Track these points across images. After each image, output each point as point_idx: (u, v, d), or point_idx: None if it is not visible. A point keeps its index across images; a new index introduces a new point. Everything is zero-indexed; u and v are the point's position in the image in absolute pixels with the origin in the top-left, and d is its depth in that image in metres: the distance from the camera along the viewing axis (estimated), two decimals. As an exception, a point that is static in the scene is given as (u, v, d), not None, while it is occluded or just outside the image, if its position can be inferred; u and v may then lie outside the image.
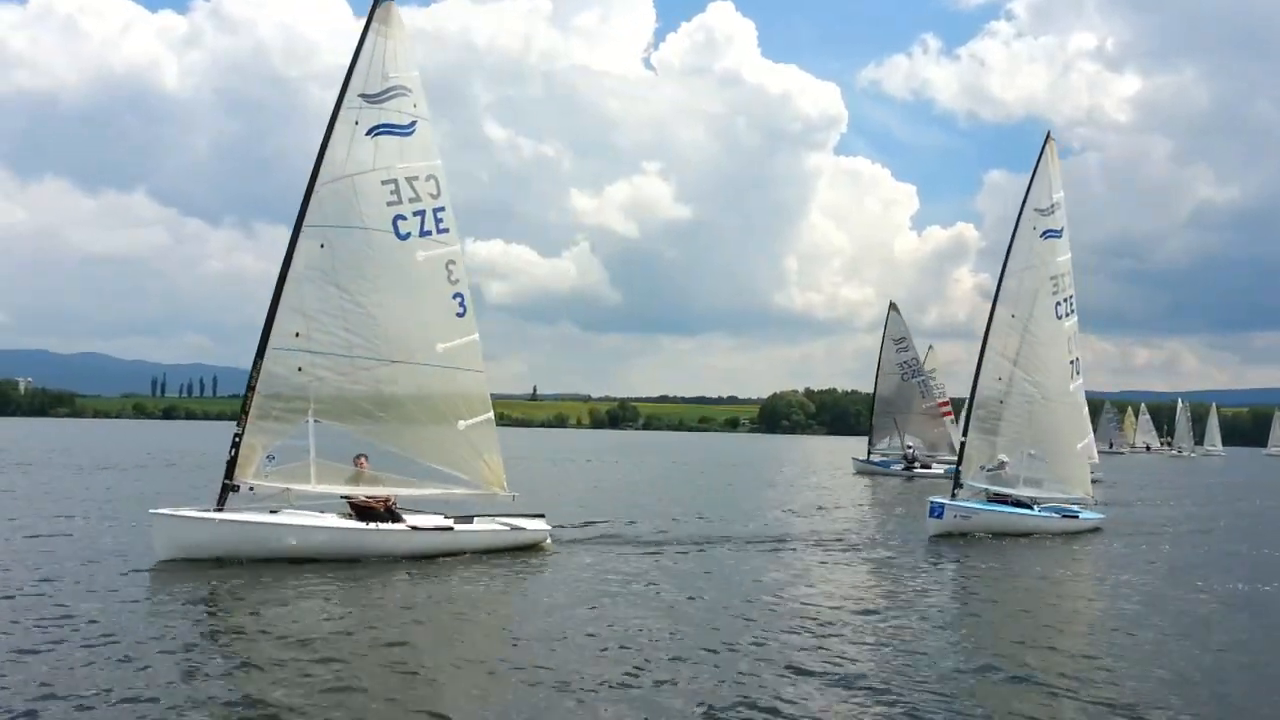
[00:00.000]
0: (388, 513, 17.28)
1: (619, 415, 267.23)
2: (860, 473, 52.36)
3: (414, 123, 17.97)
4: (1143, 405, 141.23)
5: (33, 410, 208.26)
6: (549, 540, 18.74)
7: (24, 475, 36.30)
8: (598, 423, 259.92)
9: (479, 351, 18.54)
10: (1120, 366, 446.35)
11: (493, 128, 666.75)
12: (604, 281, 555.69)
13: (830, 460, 71.63)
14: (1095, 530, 25.49)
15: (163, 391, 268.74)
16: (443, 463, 17.82)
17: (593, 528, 22.41)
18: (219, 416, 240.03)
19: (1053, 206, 25.13)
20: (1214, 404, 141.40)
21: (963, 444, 24.13)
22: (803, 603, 14.55)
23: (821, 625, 13.02)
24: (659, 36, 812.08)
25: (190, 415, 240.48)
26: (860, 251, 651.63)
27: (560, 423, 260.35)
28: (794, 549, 20.85)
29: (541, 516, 19.07)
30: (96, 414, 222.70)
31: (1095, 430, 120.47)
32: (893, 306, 53.94)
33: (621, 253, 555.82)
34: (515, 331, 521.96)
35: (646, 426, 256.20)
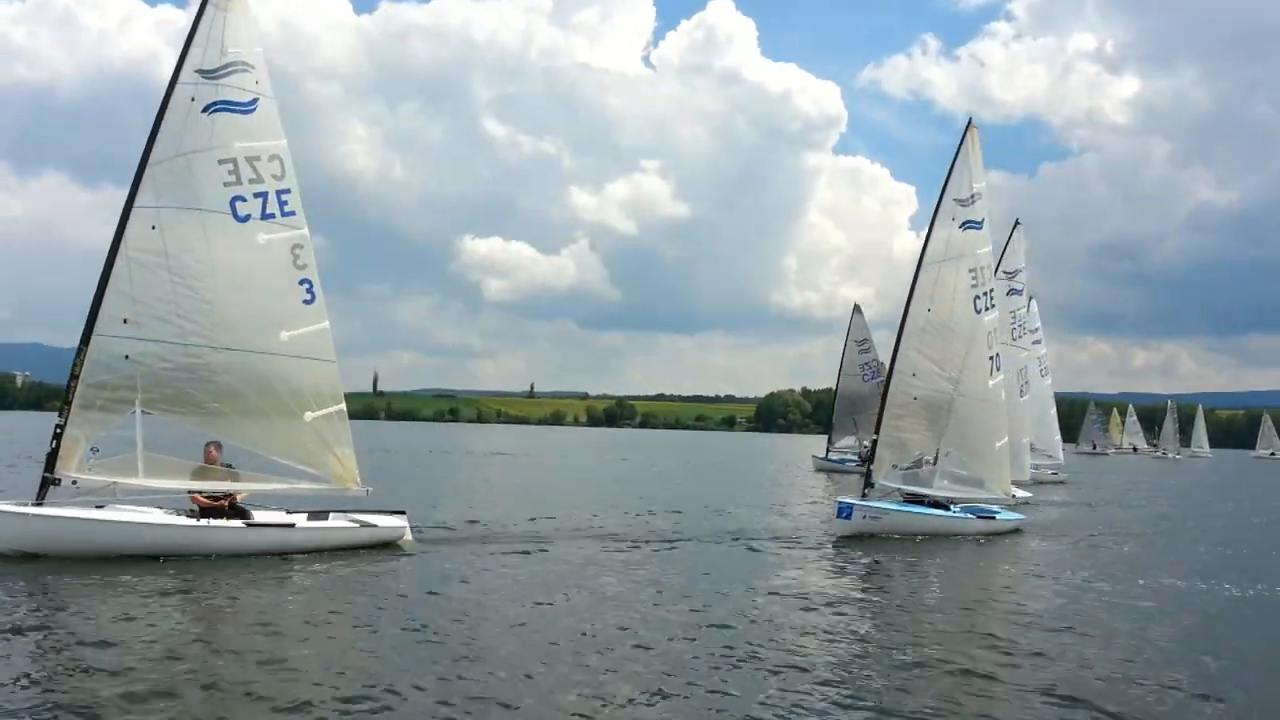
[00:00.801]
0: (232, 509, 16.26)
1: (616, 413, 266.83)
2: (819, 470, 53.20)
3: (255, 100, 16.85)
4: (1130, 406, 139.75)
5: (29, 404, 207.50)
6: (408, 538, 17.65)
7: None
8: (595, 421, 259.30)
9: (329, 340, 17.43)
10: (1118, 368, 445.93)
11: (492, 124, 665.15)
12: (603, 279, 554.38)
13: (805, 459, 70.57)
14: (1015, 531, 24.37)
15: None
16: (287, 456, 16.73)
17: (477, 526, 21.27)
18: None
19: (973, 197, 23.92)
20: (1200, 406, 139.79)
21: (874, 442, 22.93)
22: (651, 602, 13.70)
23: (661, 627, 12.13)
24: (659, 34, 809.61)
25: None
26: (859, 251, 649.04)
27: (558, 420, 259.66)
28: (689, 546, 19.92)
29: (402, 513, 17.98)
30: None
31: (1080, 431, 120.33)
32: (856, 309, 55.84)
33: (621, 251, 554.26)
34: (513, 329, 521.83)
35: (643, 425, 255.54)
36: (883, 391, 23.11)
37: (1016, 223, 36.60)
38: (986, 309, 24.04)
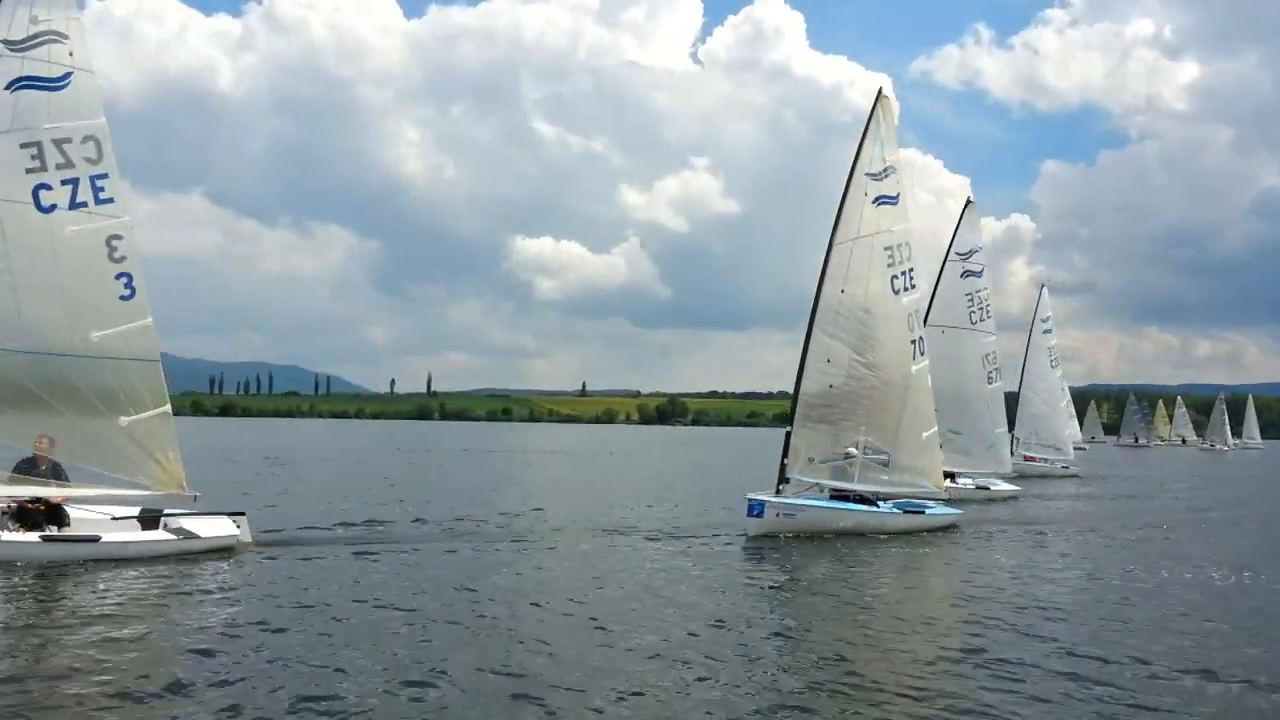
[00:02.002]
0: (49, 511, 15.24)
1: (668, 411, 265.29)
2: None
3: (68, 75, 15.64)
4: (1179, 398, 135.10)
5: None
6: (244, 541, 16.54)
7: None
8: (647, 419, 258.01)
9: (152, 338, 16.31)
10: (1181, 359, 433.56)
11: (541, 124, 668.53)
12: (654, 277, 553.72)
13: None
14: (951, 528, 22.70)
15: (220, 389, 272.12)
16: (102, 464, 15.63)
17: (346, 529, 19.93)
18: (274, 413, 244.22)
19: (886, 170, 22.24)
20: (1250, 396, 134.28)
21: (788, 434, 21.34)
22: (519, 603, 12.99)
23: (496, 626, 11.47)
24: (706, 30, 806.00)
25: (246, 412, 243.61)
26: (913, 244, 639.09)
27: (609, 419, 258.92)
28: (591, 543, 19.05)
29: (240, 515, 16.88)
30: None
31: (1121, 423, 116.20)
32: None
33: (671, 248, 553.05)
34: (565, 327, 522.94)
35: (696, 422, 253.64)
36: (796, 380, 21.47)
37: (968, 201, 34.38)
38: (906, 289, 22.38)
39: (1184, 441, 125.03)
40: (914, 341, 22.49)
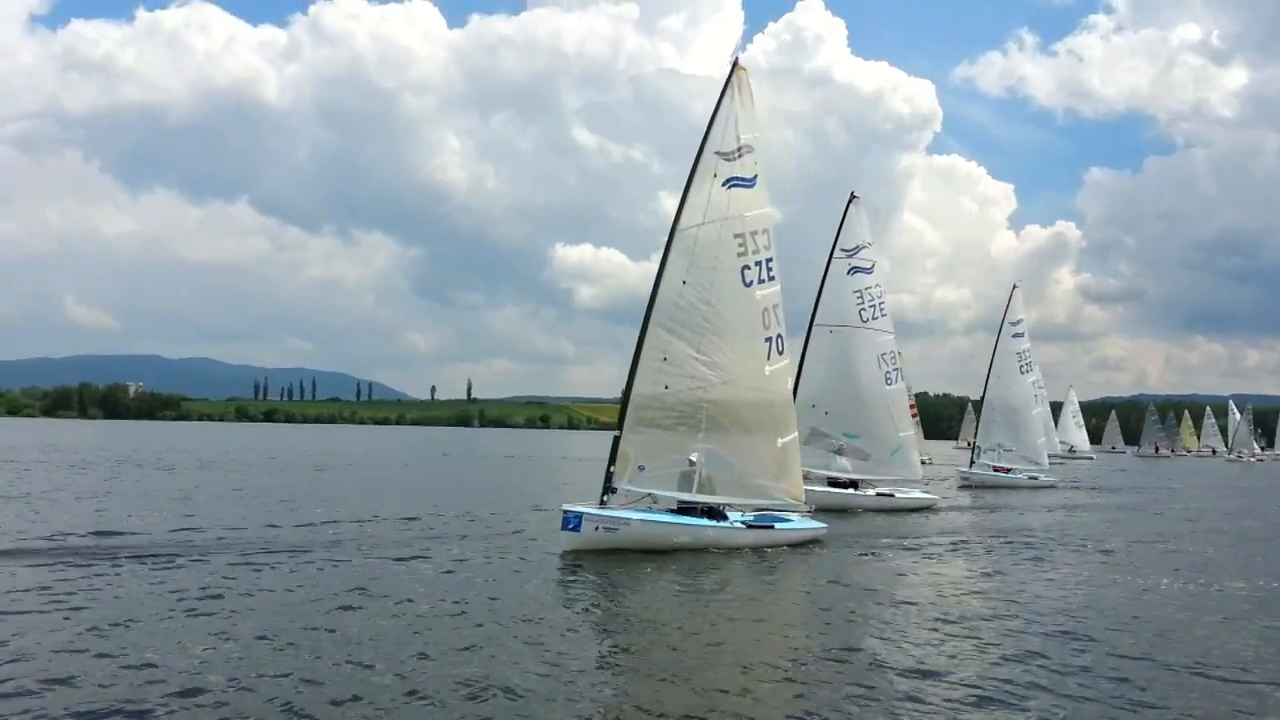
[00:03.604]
0: None
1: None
2: None
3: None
4: (1207, 408, 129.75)
5: (141, 413, 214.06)
6: None
7: None
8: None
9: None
10: (1230, 369, 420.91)
11: (581, 133, 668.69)
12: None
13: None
14: (813, 542, 20.31)
15: (265, 395, 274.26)
16: None
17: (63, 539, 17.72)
18: (316, 419, 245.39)
19: (740, 150, 19.80)
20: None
21: (616, 439, 18.94)
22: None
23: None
24: (746, 38, 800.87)
25: (289, 418, 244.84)
26: (956, 252, 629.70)
27: None
28: (356, 556, 16.78)
29: None
30: (202, 417, 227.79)
31: (1142, 433, 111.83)
32: None
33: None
34: (605, 335, 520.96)
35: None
36: (627, 379, 19.06)
37: (852, 196, 31.49)
38: (761, 281, 19.92)
39: (1214, 452, 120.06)
40: (770, 339, 20.00)
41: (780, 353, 20.24)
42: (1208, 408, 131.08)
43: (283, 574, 14.88)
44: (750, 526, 19.35)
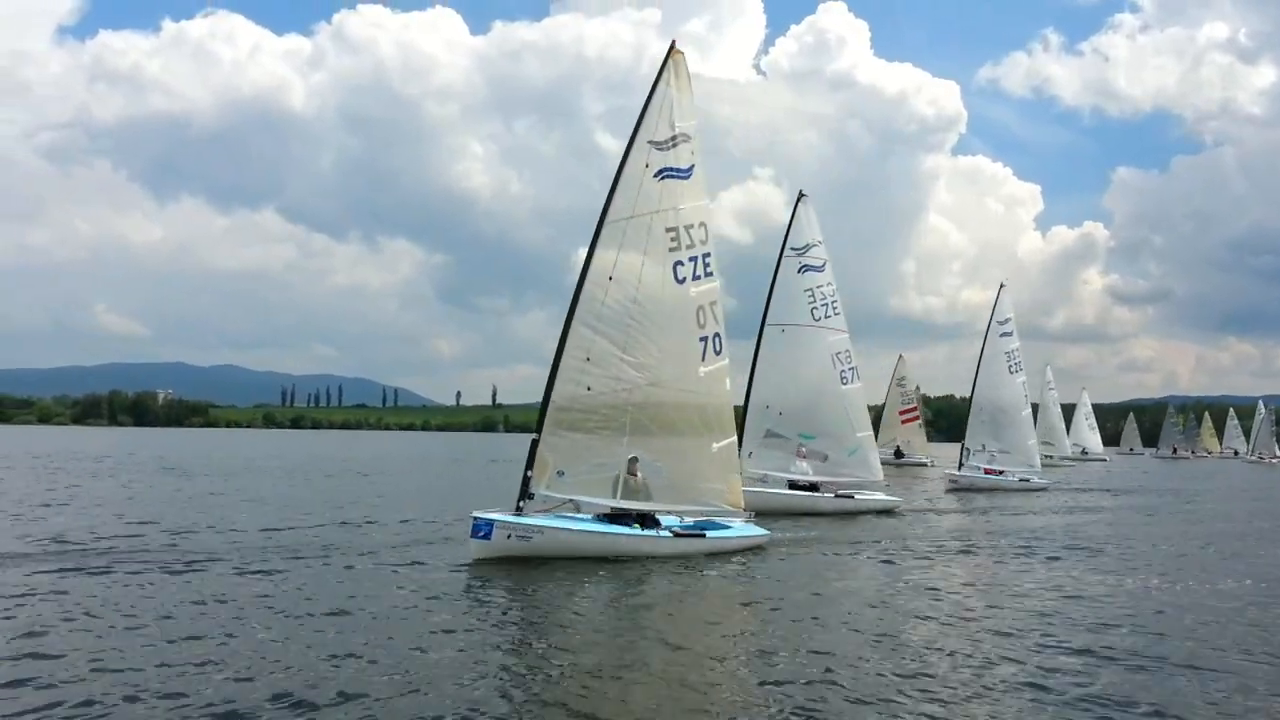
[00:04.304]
0: None
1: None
2: None
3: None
4: (1231, 410, 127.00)
5: (169, 420, 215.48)
6: None
7: None
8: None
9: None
10: (1262, 369, 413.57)
11: (604, 137, 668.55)
12: (718, 288, 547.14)
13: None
14: (756, 549, 19.18)
15: (291, 401, 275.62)
16: None
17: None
18: (343, 425, 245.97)
19: (675, 139, 18.72)
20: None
21: (534, 443, 17.90)
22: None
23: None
24: (769, 41, 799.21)
25: (316, 424, 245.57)
26: (982, 253, 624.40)
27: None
28: (262, 566, 15.71)
29: None
30: (229, 424, 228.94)
31: (1159, 435, 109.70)
32: None
33: (735, 259, 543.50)
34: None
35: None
36: (548, 380, 18.03)
37: (801, 194, 30.53)
38: (696, 277, 18.84)
39: (1236, 454, 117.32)
40: (705, 339, 18.92)
41: (718, 353, 19.13)
42: (1230, 409, 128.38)
43: (171, 586, 13.91)
44: (679, 535, 18.24)
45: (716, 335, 19.08)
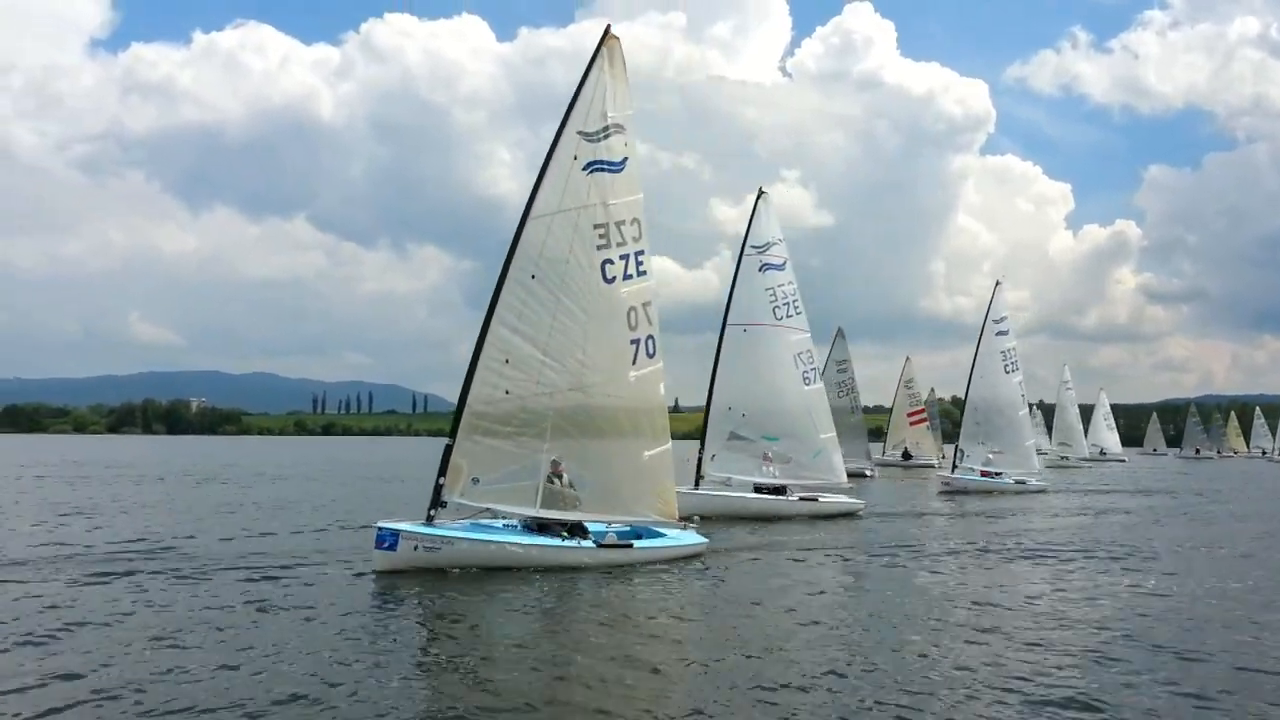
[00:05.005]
0: None
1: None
2: None
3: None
4: (1257, 409, 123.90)
5: (203, 428, 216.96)
6: None
7: None
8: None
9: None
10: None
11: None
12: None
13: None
14: (693, 558, 18.14)
15: (323, 409, 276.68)
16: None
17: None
18: (373, 432, 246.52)
19: (607, 130, 17.64)
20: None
21: (447, 448, 16.88)
22: None
23: None
24: (795, 43, 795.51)
25: (347, 431, 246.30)
26: (1012, 253, 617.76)
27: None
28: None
29: None
30: (262, 432, 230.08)
31: (1183, 435, 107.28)
32: (840, 333, 57.91)
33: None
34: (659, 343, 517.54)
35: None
36: (464, 382, 17.00)
37: (760, 192, 29.66)
38: (627, 276, 17.78)
39: (1263, 453, 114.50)
40: (637, 341, 17.85)
41: (651, 355, 18.06)
42: (1257, 408, 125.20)
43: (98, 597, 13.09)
44: (603, 545, 17.21)
45: (650, 338, 18.02)
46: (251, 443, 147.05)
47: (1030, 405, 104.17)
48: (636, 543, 17.61)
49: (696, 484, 27.43)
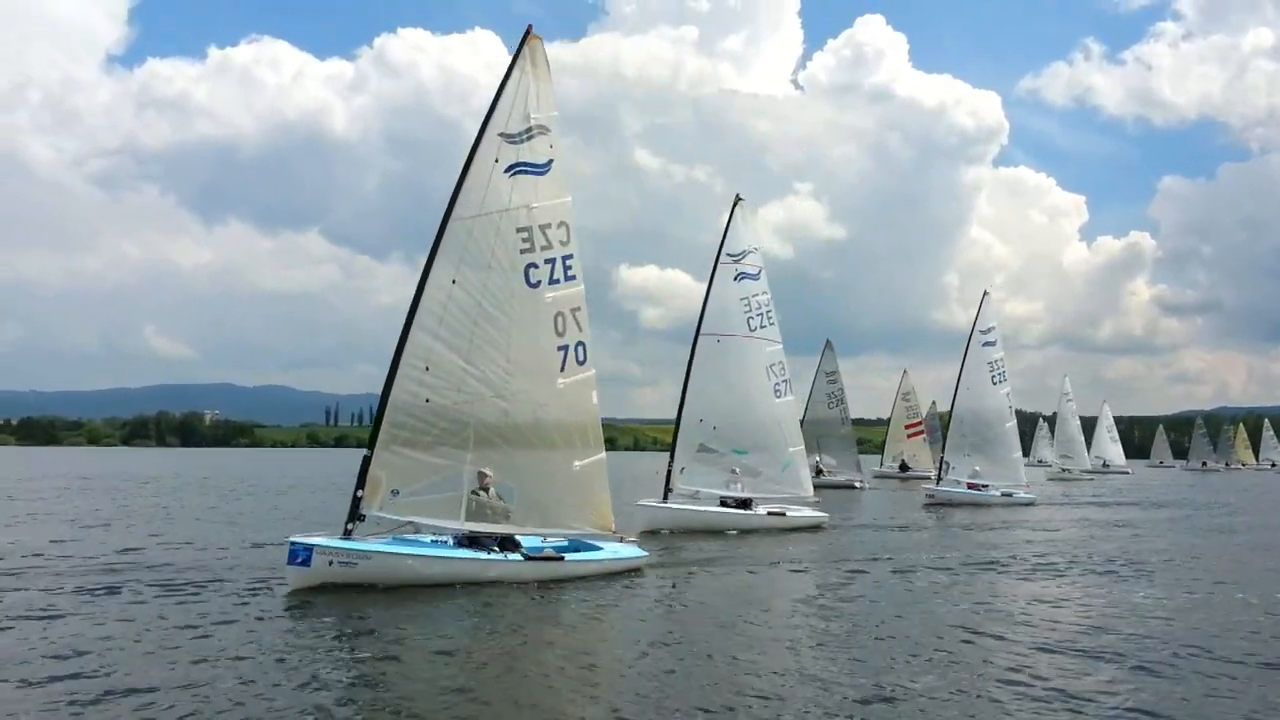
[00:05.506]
0: None
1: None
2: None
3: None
4: (1266, 420, 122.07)
5: (216, 441, 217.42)
6: None
7: None
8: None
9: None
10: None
11: (644, 155, 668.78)
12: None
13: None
14: (634, 571, 17.55)
15: (336, 420, 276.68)
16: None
17: None
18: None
19: (530, 131, 17.01)
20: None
21: (365, 459, 16.17)
22: None
23: None
24: (806, 55, 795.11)
25: (360, 443, 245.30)
26: (1026, 265, 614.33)
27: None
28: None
29: None
30: (275, 444, 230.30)
31: (1189, 447, 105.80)
32: (828, 345, 58.16)
33: (776, 274, 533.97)
34: (671, 356, 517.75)
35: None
36: (383, 390, 16.33)
37: (737, 198, 28.76)
38: (554, 281, 17.08)
39: (1273, 465, 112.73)
40: (566, 348, 17.16)
41: (581, 362, 17.36)
42: (1266, 420, 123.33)
43: None
44: (532, 558, 16.49)
45: (580, 344, 17.32)
46: (263, 455, 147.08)
47: (1040, 418, 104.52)
48: (569, 555, 16.88)
49: (665, 497, 26.76)
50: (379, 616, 13.04)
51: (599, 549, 17.51)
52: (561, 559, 16.73)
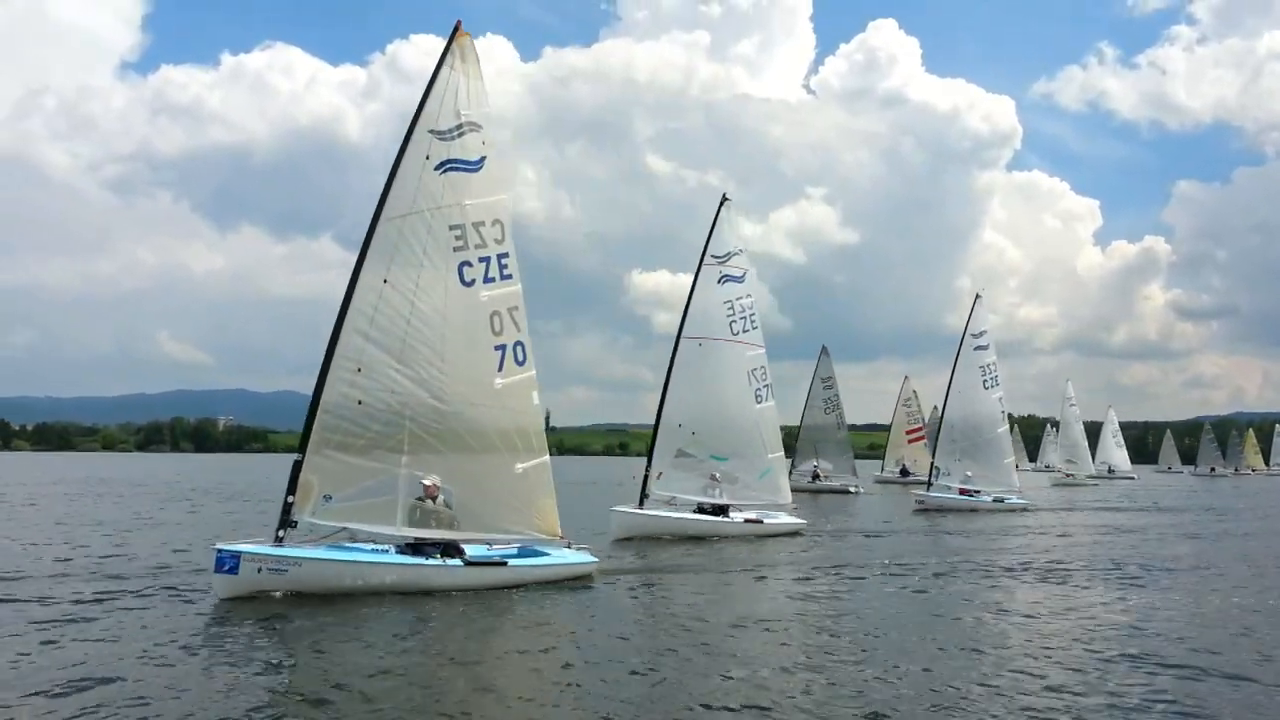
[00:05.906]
0: None
1: (787, 444, 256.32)
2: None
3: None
4: (1277, 426, 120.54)
5: (229, 446, 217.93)
6: None
7: None
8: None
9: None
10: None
11: (656, 160, 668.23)
12: (772, 309, 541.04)
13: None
14: (582, 578, 16.98)
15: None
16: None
17: None
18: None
19: (460, 128, 16.46)
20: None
21: (296, 464, 15.67)
22: None
23: None
24: (819, 60, 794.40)
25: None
26: (1039, 269, 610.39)
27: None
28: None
29: None
30: (288, 449, 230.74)
31: (1197, 452, 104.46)
32: (824, 351, 57.48)
33: (789, 279, 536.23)
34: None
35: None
36: (314, 393, 15.81)
37: (724, 199, 28.11)
38: (489, 279, 16.55)
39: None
40: (503, 348, 16.60)
41: (520, 363, 16.81)
42: (1276, 425, 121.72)
43: None
44: (473, 564, 15.91)
45: (519, 344, 16.78)
46: (274, 460, 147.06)
47: (1049, 423, 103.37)
48: (513, 561, 16.30)
49: (641, 503, 26.12)
50: (303, 626, 12.53)
51: (544, 555, 16.92)
52: (504, 564, 16.16)
